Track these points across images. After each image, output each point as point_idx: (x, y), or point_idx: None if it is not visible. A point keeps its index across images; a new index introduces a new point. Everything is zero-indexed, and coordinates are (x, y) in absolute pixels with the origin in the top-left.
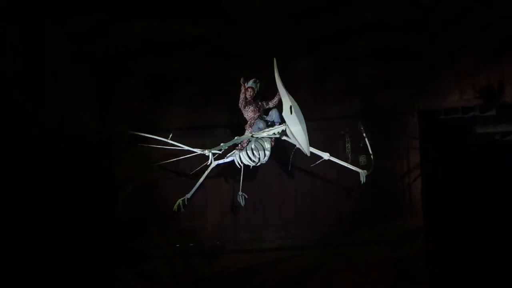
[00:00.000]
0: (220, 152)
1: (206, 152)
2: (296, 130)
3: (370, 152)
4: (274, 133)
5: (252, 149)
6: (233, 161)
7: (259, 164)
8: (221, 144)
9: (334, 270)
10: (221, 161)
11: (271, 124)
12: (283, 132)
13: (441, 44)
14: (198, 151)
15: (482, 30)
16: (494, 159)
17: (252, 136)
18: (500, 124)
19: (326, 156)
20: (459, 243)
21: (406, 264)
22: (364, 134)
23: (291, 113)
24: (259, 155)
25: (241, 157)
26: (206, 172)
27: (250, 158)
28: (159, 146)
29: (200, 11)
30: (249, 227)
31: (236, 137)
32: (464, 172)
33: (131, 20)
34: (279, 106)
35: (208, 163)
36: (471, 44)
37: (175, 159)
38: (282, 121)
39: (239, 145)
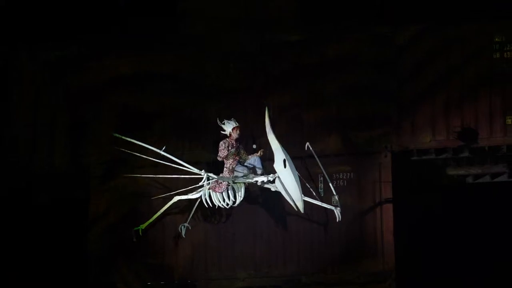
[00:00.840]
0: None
1: (202, 172)
2: (290, 186)
3: (328, 179)
4: (256, 181)
5: (228, 193)
6: (199, 198)
7: (229, 206)
8: (211, 174)
9: None
10: (184, 197)
11: (252, 169)
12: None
13: (415, 85)
14: (195, 170)
15: (455, 71)
16: (466, 201)
17: (234, 182)
18: (472, 166)
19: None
20: (430, 283)
21: None
22: (315, 155)
23: (284, 166)
24: (234, 198)
25: (213, 198)
26: (166, 206)
27: (224, 201)
28: (152, 159)
29: (174, 46)
30: (220, 265)
31: (221, 174)
32: (436, 213)
33: (106, 54)
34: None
35: (201, 183)
36: (444, 85)
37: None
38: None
39: (214, 185)
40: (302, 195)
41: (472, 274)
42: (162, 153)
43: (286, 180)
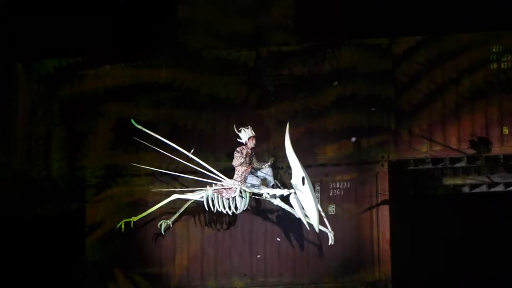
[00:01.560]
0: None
1: (236, 185)
2: (307, 205)
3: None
4: (268, 193)
5: (235, 200)
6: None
7: (230, 213)
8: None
9: None
10: (182, 196)
11: (263, 180)
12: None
13: (412, 95)
14: (226, 179)
15: (452, 81)
16: (462, 210)
17: (245, 191)
18: (469, 176)
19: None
20: None
21: None
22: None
23: (303, 184)
24: (238, 206)
25: (217, 202)
26: (163, 203)
27: (229, 207)
28: (182, 161)
29: (170, 57)
30: (216, 273)
31: (232, 181)
32: (433, 222)
33: (102, 65)
34: None
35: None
36: (441, 95)
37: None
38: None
39: (223, 190)
40: (319, 215)
41: (469, 283)
42: (191, 155)
43: (303, 198)
